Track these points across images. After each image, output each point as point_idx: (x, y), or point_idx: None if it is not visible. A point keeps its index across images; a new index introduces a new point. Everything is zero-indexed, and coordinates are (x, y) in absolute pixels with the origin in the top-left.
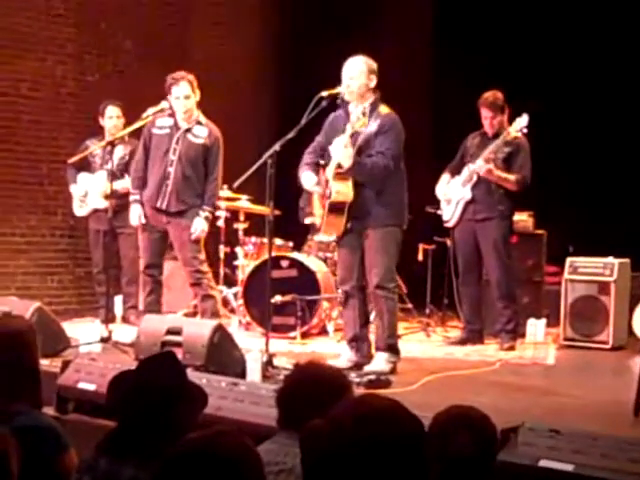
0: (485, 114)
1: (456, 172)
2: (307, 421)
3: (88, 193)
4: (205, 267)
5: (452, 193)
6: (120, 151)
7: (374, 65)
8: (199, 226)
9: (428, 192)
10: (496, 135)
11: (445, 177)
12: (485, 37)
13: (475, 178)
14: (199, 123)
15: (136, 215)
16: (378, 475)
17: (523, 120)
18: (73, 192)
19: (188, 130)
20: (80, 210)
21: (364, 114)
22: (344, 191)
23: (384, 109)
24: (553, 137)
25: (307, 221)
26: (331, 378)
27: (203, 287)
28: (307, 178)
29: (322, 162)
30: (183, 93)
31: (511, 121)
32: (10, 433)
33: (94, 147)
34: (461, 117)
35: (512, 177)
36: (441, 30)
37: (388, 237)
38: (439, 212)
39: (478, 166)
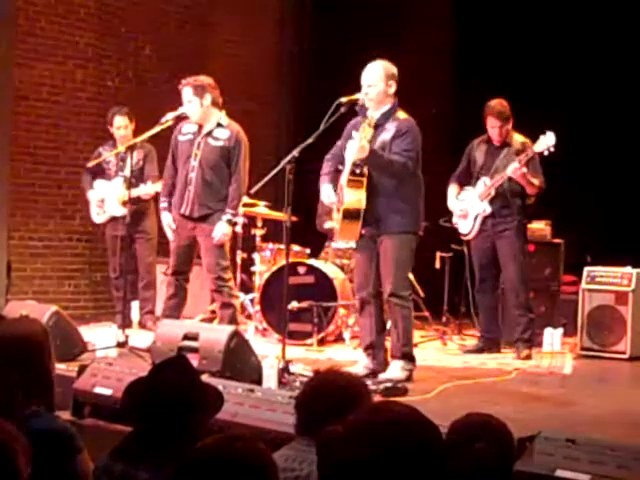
0: (493, 123)
1: (463, 181)
2: (325, 427)
3: (105, 200)
4: (228, 274)
5: (468, 207)
6: (134, 156)
7: (393, 70)
8: (220, 230)
9: (446, 203)
10: (504, 143)
11: (453, 189)
12: (505, 50)
13: (493, 193)
14: (220, 125)
15: (165, 222)
16: None
17: (550, 139)
18: (90, 198)
19: (209, 134)
20: (98, 217)
21: (370, 125)
22: (357, 198)
23: (402, 114)
24: (571, 147)
25: (327, 225)
26: (350, 385)
27: (224, 295)
28: (325, 193)
29: (341, 167)
30: (185, 98)
31: (524, 129)
32: (23, 434)
33: (107, 154)
34: (480, 128)
35: (536, 181)
36: (461, 42)
37: (403, 244)
38: (454, 225)
39: (512, 169)
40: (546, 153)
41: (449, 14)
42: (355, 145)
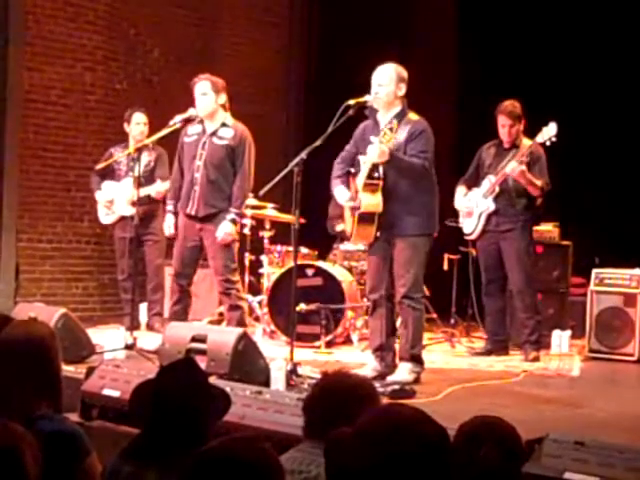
0: (504, 122)
1: (472, 184)
2: (333, 430)
3: (114, 200)
4: (235, 276)
5: (473, 205)
6: (145, 158)
7: (404, 73)
8: (224, 229)
9: (452, 204)
10: (513, 145)
11: (461, 190)
12: (509, 51)
13: (497, 189)
14: (225, 125)
15: (167, 225)
16: None
17: (552, 129)
18: (98, 199)
19: (214, 133)
20: (106, 218)
21: (391, 129)
22: (373, 202)
23: (413, 116)
24: (579, 148)
25: (338, 228)
26: (358, 387)
27: (231, 297)
28: (340, 193)
29: (352, 170)
30: (201, 90)
31: (530, 131)
32: (31, 435)
33: (119, 155)
34: (485, 131)
35: (539, 182)
36: (466, 45)
37: (417, 247)
38: (460, 225)
39: (511, 168)
40: (548, 143)
41: (455, 15)
42: (375, 149)
